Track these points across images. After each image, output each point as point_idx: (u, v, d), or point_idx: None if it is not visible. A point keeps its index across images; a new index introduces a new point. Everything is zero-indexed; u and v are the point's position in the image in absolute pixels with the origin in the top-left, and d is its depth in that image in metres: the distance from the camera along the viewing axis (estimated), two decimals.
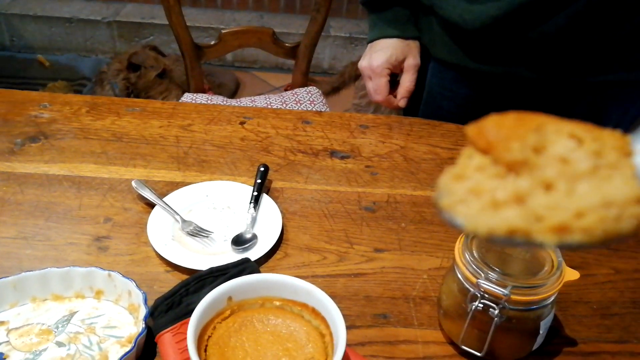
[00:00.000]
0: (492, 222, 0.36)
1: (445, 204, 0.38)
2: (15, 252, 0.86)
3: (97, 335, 0.74)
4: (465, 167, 0.39)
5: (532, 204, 0.35)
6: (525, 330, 0.70)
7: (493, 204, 0.36)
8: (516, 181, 0.36)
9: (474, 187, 0.38)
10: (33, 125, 1.12)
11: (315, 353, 0.65)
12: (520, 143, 0.37)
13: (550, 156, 0.36)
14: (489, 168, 0.38)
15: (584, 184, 0.35)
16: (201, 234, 0.89)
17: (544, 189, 0.36)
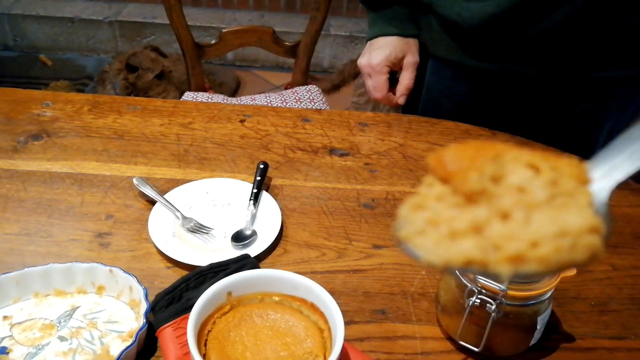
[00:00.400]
0: (449, 253, 0.36)
1: (404, 235, 0.38)
2: (18, 248, 0.87)
3: (98, 330, 0.75)
4: (425, 197, 0.39)
5: (489, 233, 0.36)
6: (522, 326, 0.71)
7: (451, 234, 0.37)
8: (474, 211, 0.37)
9: (432, 218, 0.38)
10: (36, 124, 1.13)
11: (314, 348, 0.66)
12: (478, 173, 0.37)
13: (507, 186, 0.37)
14: (449, 197, 0.38)
15: (540, 213, 0.36)
16: (201, 231, 0.90)
17: (501, 219, 0.36)
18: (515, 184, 0.37)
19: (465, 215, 0.37)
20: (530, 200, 0.36)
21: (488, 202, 0.37)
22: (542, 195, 0.36)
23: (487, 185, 0.37)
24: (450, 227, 0.37)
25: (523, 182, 0.37)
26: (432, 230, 0.37)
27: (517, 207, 0.36)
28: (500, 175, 0.37)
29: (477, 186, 0.37)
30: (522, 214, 0.36)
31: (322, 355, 0.65)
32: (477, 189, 0.37)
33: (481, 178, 0.37)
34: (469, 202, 0.37)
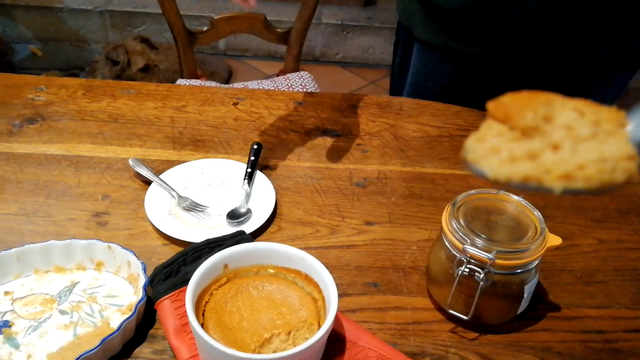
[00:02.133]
0: (510, 171, 0.44)
1: (471, 158, 0.46)
2: (17, 227, 0.88)
3: (98, 304, 0.77)
4: (487, 133, 0.46)
5: (543, 159, 0.43)
6: (509, 294, 0.73)
7: (511, 158, 0.44)
8: (529, 143, 0.44)
9: (494, 147, 0.45)
10: (30, 108, 1.14)
11: (309, 317, 0.68)
12: (533, 113, 0.45)
13: (557, 124, 0.44)
14: (506, 134, 0.45)
15: (585, 145, 0.43)
16: (197, 209, 0.91)
17: (552, 149, 0.43)
18: (563, 123, 0.44)
19: (522, 146, 0.44)
20: (577, 135, 0.43)
21: (541, 136, 0.44)
22: (586, 132, 0.43)
23: (540, 123, 0.44)
24: (509, 154, 0.44)
25: (570, 121, 0.44)
26: (495, 155, 0.45)
27: (565, 140, 0.43)
28: (550, 116, 0.44)
29: (532, 123, 0.44)
30: (570, 145, 0.43)
31: (317, 324, 0.68)
32: (532, 125, 0.44)
33: (535, 117, 0.44)
34: (524, 136, 0.44)
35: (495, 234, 0.72)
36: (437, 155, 1.07)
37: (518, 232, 0.72)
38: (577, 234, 0.92)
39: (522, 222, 0.74)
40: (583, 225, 0.94)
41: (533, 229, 0.72)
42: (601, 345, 0.75)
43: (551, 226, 0.73)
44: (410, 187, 0.99)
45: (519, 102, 0.46)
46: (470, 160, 0.46)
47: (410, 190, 0.98)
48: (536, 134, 0.44)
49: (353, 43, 3.35)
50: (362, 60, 3.41)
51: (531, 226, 0.73)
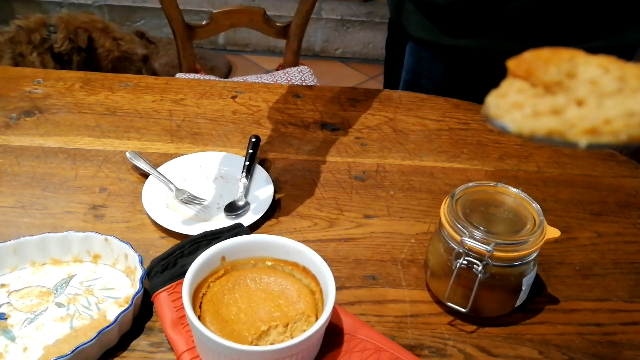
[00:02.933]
0: (534, 125, 0.43)
1: (493, 113, 0.45)
2: (13, 220, 0.88)
3: (95, 296, 0.76)
4: (508, 90, 0.46)
5: (567, 115, 0.42)
6: (508, 287, 0.73)
7: (534, 113, 0.43)
8: (553, 98, 0.43)
9: (516, 102, 0.45)
10: (28, 100, 1.13)
11: (306, 309, 0.68)
12: (556, 69, 0.44)
13: (581, 80, 0.43)
14: (529, 90, 0.45)
15: (611, 100, 0.42)
16: (195, 202, 0.91)
17: (576, 105, 0.42)
18: (588, 78, 0.43)
19: (545, 101, 0.44)
20: (602, 90, 0.42)
21: (564, 92, 0.43)
22: (612, 87, 0.42)
23: (563, 78, 0.44)
24: (533, 109, 0.44)
25: (595, 77, 0.43)
26: (517, 110, 0.44)
27: (590, 95, 0.42)
28: (574, 72, 0.44)
29: (555, 78, 0.44)
30: (596, 100, 0.42)
31: (314, 316, 0.67)
32: (555, 81, 0.43)
33: (559, 72, 0.44)
34: (547, 92, 0.44)
35: (493, 226, 0.72)
36: (436, 148, 1.06)
37: (516, 225, 0.72)
38: (575, 227, 0.92)
39: (520, 215, 0.73)
40: (581, 218, 0.94)
41: (532, 221, 0.72)
42: (599, 338, 0.75)
43: (550, 219, 0.73)
44: (409, 181, 0.99)
45: (541, 58, 0.46)
46: (492, 115, 0.46)
47: (409, 184, 0.98)
48: (560, 90, 0.44)
49: (353, 38, 3.34)
50: (362, 56, 3.40)
51: (530, 218, 0.73)
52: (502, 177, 1.00)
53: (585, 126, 0.41)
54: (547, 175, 1.02)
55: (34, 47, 2.29)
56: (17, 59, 2.29)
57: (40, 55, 2.30)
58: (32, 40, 2.29)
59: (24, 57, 2.29)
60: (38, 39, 2.29)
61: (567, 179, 1.01)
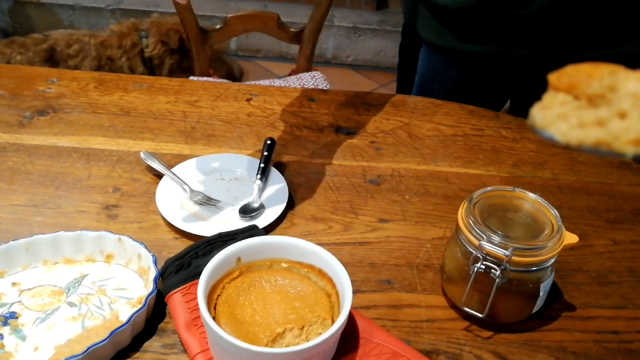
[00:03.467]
0: (580, 135, 0.44)
1: (540, 124, 0.46)
2: (26, 218, 0.87)
3: (107, 296, 0.76)
4: (551, 102, 0.46)
5: (611, 126, 0.43)
6: (525, 293, 0.72)
7: (580, 124, 0.44)
8: (596, 111, 0.44)
9: (561, 114, 0.45)
10: (41, 100, 1.13)
11: (322, 312, 0.67)
12: (598, 82, 0.44)
13: (623, 93, 0.44)
14: (571, 103, 0.45)
15: None
16: (209, 203, 0.91)
17: (619, 117, 0.43)
18: (630, 92, 0.43)
19: (589, 113, 0.44)
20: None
21: (607, 105, 0.44)
22: None
23: (605, 91, 0.44)
24: (578, 120, 0.44)
25: (637, 90, 0.43)
26: (563, 121, 0.45)
27: (633, 108, 0.43)
28: (615, 86, 0.44)
29: (598, 91, 0.44)
30: (638, 113, 0.43)
31: (330, 319, 0.67)
32: (598, 93, 0.44)
33: (601, 85, 0.44)
34: (590, 105, 0.44)
35: (511, 231, 0.71)
36: (452, 154, 1.06)
37: (534, 230, 0.71)
38: (591, 234, 0.91)
39: (538, 220, 0.73)
40: (597, 225, 0.93)
41: (550, 227, 0.71)
42: (616, 346, 0.74)
43: (565, 226, 0.72)
44: (424, 185, 0.98)
45: (583, 72, 0.46)
46: (539, 126, 0.46)
47: (425, 189, 0.97)
48: (602, 103, 0.44)
49: (364, 46, 3.34)
50: (373, 64, 3.40)
51: (548, 224, 0.72)
52: (517, 183, 0.99)
53: (630, 137, 0.42)
54: (562, 182, 1.01)
55: (124, 51, 2.34)
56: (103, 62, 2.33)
57: (129, 60, 2.35)
58: (122, 45, 2.35)
59: (112, 60, 2.35)
60: (129, 44, 2.35)
61: (583, 186, 1.00)
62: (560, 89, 0.46)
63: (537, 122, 0.46)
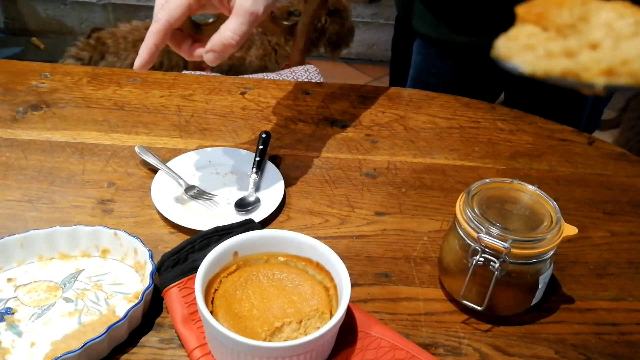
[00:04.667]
0: (548, 65, 0.42)
1: (505, 54, 0.45)
2: (20, 214, 0.87)
3: (104, 291, 0.75)
4: (518, 34, 0.45)
5: (582, 57, 0.41)
6: (524, 285, 0.72)
7: (547, 54, 0.42)
8: (566, 41, 0.42)
9: (528, 44, 0.44)
10: (35, 95, 1.12)
11: (320, 305, 0.67)
12: (568, 11, 0.43)
13: (595, 23, 0.42)
14: (540, 34, 0.44)
15: (627, 42, 0.41)
16: (204, 197, 0.90)
17: (590, 48, 0.41)
18: (602, 21, 0.42)
19: (558, 43, 0.43)
20: (618, 33, 0.41)
21: (578, 35, 0.42)
22: (628, 30, 0.41)
23: (576, 21, 0.43)
24: (546, 50, 0.43)
25: (610, 20, 0.42)
26: (530, 52, 0.43)
27: (605, 38, 0.41)
28: (587, 17, 0.43)
29: (568, 21, 0.43)
30: (611, 43, 0.41)
31: (328, 312, 0.66)
32: (568, 23, 0.43)
33: (571, 14, 0.43)
34: (560, 35, 0.43)
35: (510, 223, 0.71)
36: (447, 146, 1.05)
37: (533, 222, 0.71)
38: (589, 226, 0.91)
39: (537, 212, 0.72)
40: (595, 217, 0.92)
41: (549, 219, 0.71)
42: (615, 338, 0.74)
43: (563, 218, 0.72)
44: (421, 178, 0.98)
45: (552, 2, 0.45)
46: (503, 56, 0.45)
47: (421, 182, 0.97)
48: (573, 33, 0.43)
49: (357, 39, 3.32)
50: (366, 57, 3.40)
51: (546, 216, 0.71)
52: (514, 175, 0.98)
53: (601, 67, 0.40)
54: (559, 174, 1.01)
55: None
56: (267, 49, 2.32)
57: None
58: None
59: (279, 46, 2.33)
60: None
61: (580, 177, 1.00)
62: (528, 20, 0.45)
63: (501, 53, 0.45)
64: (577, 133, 1.11)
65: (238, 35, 0.76)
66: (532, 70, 0.43)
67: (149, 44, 0.77)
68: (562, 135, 1.10)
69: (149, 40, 0.77)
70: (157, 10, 0.78)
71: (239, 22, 0.76)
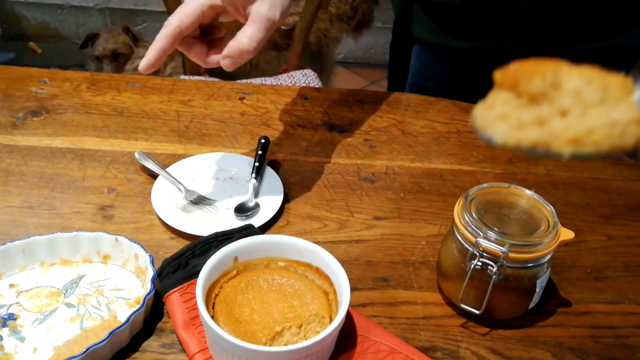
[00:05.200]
0: (518, 136, 0.44)
1: (480, 124, 0.46)
2: (21, 220, 0.87)
3: (105, 297, 0.76)
4: (494, 100, 0.47)
5: (551, 125, 0.43)
6: (522, 289, 0.73)
7: (519, 124, 0.44)
8: (537, 109, 0.44)
9: (502, 114, 0.45)
10: (34, 100, 1.13)
11: (320, 310, 0.68)
12: (540, 80, 0.44)
13: (565, 90, 0.44)
14: (514, 101, 0.46)
15: (593, 110, 0.42)
16: (204, 202, 0.91)
17: (560, 115, 0.43)
18: (572, 89, 0.44)
19: (530, 112, 0.44)
20: (585, 100, 0.43)
21: (549, 103, 0.44)
22: (595, 97, 0.43)
23: (547, 89, 0.44)
24: (518, 120, 0.44)
25: (579, 87, 0.44)
26: (503, 121, 0.45)
27: (574, 106, 0.43)
28: (558, 83, 0.44)
29: (540, 88, 0.44)
30: (579, 111, 0.43)
31: (328, 317, 0.67)
32: (540, 91, 0.44)
33: (543, 83, 0.44)
34: (532, 103, 0.45)
35: (507, 227, 0.71)
36: (445, 151, 1.06)
37: (531, 226, 0.72)
38: (586, 230, 0.91)
39: (534, 216, 0.73)
40: (591, 221, 0.93)
41: (545, 223, 0.72)
42: (612, 341, 0.75)
43: (560, 222, 0.72)
44: (418, 183, 0.98)
45: (526, 69, 0.46)
46: (479, 127, 0.47)
47: (419, 186, 0.98)
48: (544, 101, 0.44)
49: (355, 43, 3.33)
50: (363, 60, 3.41)
51: (544, 220, 0.72)
52: (511, 180, 0.99)
53: (568, 136, 0.42)
54: (557, 178, 1.02)
55: None
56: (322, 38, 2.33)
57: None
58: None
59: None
60: None
61: (576, 182, 1.01)
62: (504, 86, 0.46)
63: (477, 123, 0.47)
64: None
65: (255, 41, 0.78)
66: (504, 141, 0.45)
67: (157, 46, 0.79)
68: None
69: (157, 43, 0.79)
70: (172, 15, 0.81)
71: (256, 28, 0.78)
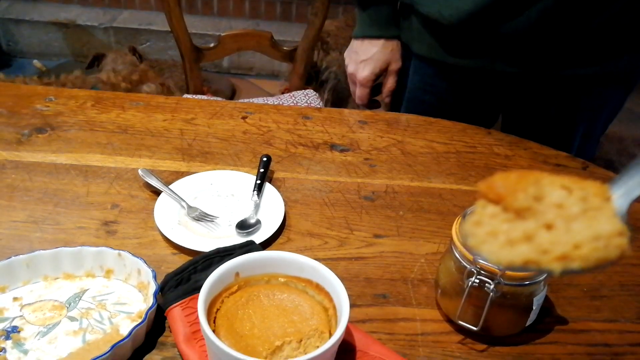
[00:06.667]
0: (510, 256, 0.46)
1: (472, 244, 0.48)
2: (25, 235, 0.88)
3: (107, 310, 0.77)
4: (482, 216, 0.49)
5: (539, 240, 0.45)
6: (519, 306, 0.74)
7: (508, 242, 0.47)
8: (524, 224, 0.46)
9: (491, 231, 0.48)
10: (39, 117, 1.15)
11: (320, 325, 0.68)
12: (524, 193, 0.47)
13: (548, 203, 0.47)
14: (501, 215, 0.48)
15: (577, 223, 0.46)
16: (206, 219, 0.92)
17: (546, 229, 0.45)
18: (554, 202, 0.46)
19: (517, 228, 0.47)
20: (568, 213, 0.46)
21: (534, 216, 0.46)
22: (576, 209, 0.46)
23: (532, 203, 0.47)
24: (507, 237, 0.47)
25: (560, 199, 0.46)
26: (493, 240, 0.47)
27: (558, 219, 0.46)
28: (541, 195, 0.47)
29: (524, 204, 0.47)
30: (563, 225, 0.45)
31: (328, 332, 0.68)
32: (525, 206, 0.47)
33: (527, 197, 0.47)
34: (518, 217, 0.47)
35: None
36: (444, 171, 1.08)
37: None
38: None
39: None
40: None
41: None
42: (608, 359, 0.75)
43: None
44: (418, 202, 1.00)
45: (509, 182, 0.49)
46: (471, 247, 0.49)
47: (419, 205, 0.99)
48: (529, 214, 0.46)
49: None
50: None
51: None
52: None
53: (557, 253, 0.44)
54: None
55: None
56: None
57: None
58: None
59: None
60: None
61: None
62: (490, 199, 0.49)
63: (470, 243, 0.49)
64: (572, 158, 1.13)
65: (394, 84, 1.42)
66: (497, 262, 0.47)
67: None
68: (556, 160, 1.12)
69: None
70: None
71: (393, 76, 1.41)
